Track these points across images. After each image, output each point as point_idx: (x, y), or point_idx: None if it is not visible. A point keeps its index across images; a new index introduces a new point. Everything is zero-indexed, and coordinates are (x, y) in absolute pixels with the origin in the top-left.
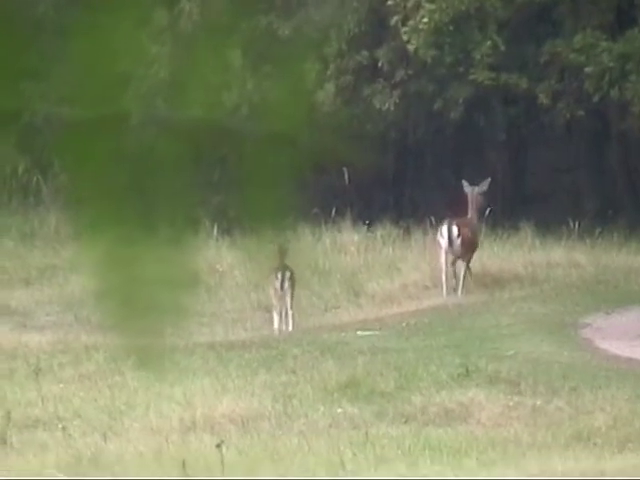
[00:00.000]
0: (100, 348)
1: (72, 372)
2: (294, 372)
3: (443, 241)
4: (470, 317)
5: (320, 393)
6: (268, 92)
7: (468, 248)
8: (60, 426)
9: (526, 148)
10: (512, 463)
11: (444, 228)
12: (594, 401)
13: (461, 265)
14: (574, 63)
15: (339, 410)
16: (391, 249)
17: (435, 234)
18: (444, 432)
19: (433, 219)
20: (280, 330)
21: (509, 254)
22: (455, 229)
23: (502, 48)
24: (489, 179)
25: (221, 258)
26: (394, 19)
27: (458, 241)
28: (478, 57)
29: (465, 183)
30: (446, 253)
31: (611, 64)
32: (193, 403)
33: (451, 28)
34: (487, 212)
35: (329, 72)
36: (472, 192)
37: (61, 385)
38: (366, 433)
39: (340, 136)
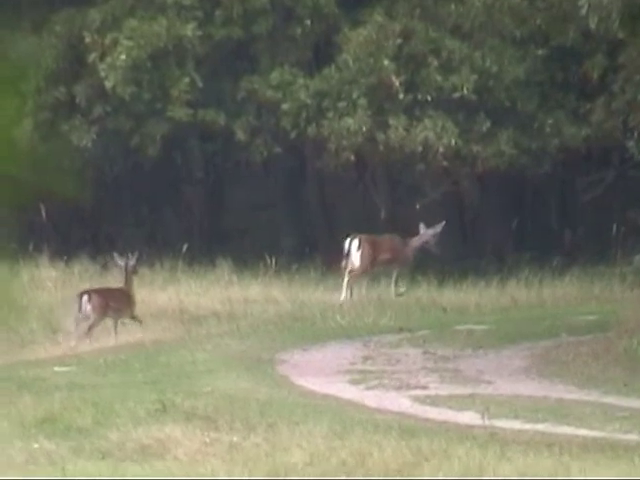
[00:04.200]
0: None
1: None
2: None
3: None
4: (167, 353)
5: (17, 429)
6: None
7: (373, 261)
8: None
9: (223, 185)
10: None
11: (346, 242)
12: (291, 437)
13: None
14: (271, 100)
15: (36, 446)
16: (89, 285)
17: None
18: (141, 468)
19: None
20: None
21: (206, 290)
22: (355, 242)
23: (200, 84)
24: (443, 222)
25: None
26: (92, 55)
27: (357, 254)
28: (176, 94)
29: (422, 225)
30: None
31: (308, 101)
32: None
33: (149, 65)
34: (184, 248)
35: (27, 108)
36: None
37: None
38: (63, 469)
39: (39, 172)
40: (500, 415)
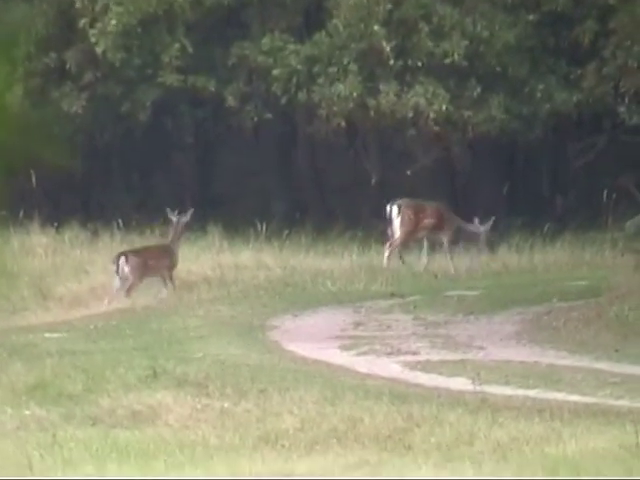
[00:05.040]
0: None
1: None
2: None
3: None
4: (158, 319)
5: (8, 395)
6: None
7: (414, 228)
8: None
9: (214, 151)
10: (200, 465)
11: (388, 207)
12: (282, 403)
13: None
14: (262, 65)
15: (27, 412)
16: (79, 251)
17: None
18: (132, 434)
19: (121, 221)
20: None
21: (197, 256)
22: (395, 208)
23: (190, 50)
24: (493, 218)
25: None
26: (82, 21)
27: (397, 220)
28: (166, 59)
29: (476, 219)
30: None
31: (299, 67)
32: None
33: (139, 30)
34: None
35: (17, 74)
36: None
37: None
38: (54, 435)
39: (29, 139)
40: (491, 381)
